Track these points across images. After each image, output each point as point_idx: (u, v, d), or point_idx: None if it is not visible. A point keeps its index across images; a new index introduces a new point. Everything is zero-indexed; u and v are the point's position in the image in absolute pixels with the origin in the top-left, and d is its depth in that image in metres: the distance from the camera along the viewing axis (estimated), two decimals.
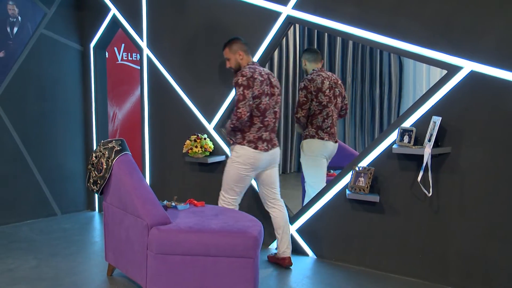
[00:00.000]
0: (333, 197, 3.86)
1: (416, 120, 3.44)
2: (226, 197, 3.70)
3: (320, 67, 4.33)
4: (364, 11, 3.57)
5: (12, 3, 4.77)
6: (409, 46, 3.41)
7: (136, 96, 6.13)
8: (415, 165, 3.45)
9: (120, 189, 3.23)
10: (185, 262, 2.92)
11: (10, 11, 4.76)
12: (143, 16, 4.83)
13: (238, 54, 3.69)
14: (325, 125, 4.21)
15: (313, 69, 4.31)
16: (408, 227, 3.54)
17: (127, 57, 6.07)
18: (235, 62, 3.70)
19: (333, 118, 4.27)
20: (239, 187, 3.68)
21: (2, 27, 4.72)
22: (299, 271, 3.73)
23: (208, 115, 4.48)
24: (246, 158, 3.59)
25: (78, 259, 3.86)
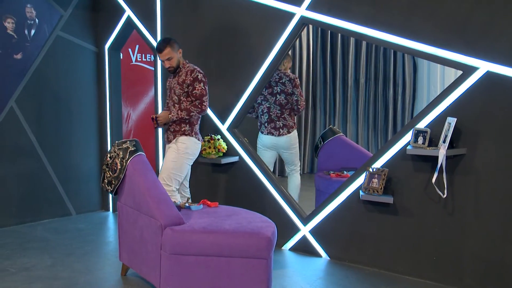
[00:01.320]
0: (347, 198, 3.84)
1: (431, 121, 3.41)
2: (172, 187, 3.89)
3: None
4: (378, 11, 3.56)
5: (30, 6, 4.84)
6: (424, 47, 3.38)
7: (150, 97, 6.17)
8: (430, 167, 3.42)
9: (134, 190, 3.25)
10: (198, 263, 2.93)
11: (28, 13, 4.83)
12: (157, 17, 4.86)
13: (179, 52, 3.93)
14: (263, 120, 4.74)
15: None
16: (422, 229, 3.51)
17: (141, 58, 6.11)
18: (177, 60, 3.92)
19: (270, 114, 4.68)
20: (181, 177, 3.95)
21: (20, 30, 4.79)
22: (312, 272, 3.73)
23: (221, 116, 4.49)
24: (194, 149, 3.96)
25: (92, 259, 3.89)
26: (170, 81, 4.07)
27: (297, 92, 4.67)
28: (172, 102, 3.98)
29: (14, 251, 4.07)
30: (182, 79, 3.89)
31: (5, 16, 4.66)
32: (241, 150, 4.39)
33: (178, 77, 3.93)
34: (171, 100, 3.99)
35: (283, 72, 4.68)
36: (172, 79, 4.02)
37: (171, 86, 4.02)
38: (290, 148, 4.75)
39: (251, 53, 4.25)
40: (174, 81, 3.97)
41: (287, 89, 4.65)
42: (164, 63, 3.91)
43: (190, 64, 3.97)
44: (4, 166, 4.76)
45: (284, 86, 4.65)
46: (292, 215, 4.14)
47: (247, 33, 4.27)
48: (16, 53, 4.78)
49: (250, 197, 4.34)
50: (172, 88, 3.99)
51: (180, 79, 3.91)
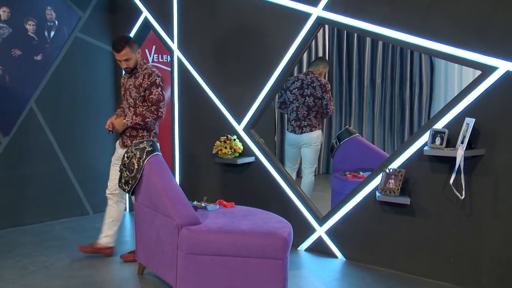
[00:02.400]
0: (363, 199, 3.83)
1: (449, 122, 3.38)
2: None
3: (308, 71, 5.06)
4: (396, 11, 3.54)
5: (50, 8, 4.91)
6: (442, 47, 3.35)
7: (165, 97, 6.20)
8: (447, 168, 3.39)
9: (151, 189, 3.28)
10: (214, 263, 2.94)
11: (48, 15, 4.91)
12: (174, 18, 4.89)
13: (138, 53, 3.76)
14: (291, 118, 5.04)
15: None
16: (440, 230, 3.48)
17: (158, 58, 6.14)
18: (135, 61, 3.72)
19: (297, 113, 4.98)
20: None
21: (40, 32, 4.87)
22: (328, 273, 3.72)
23: (237, 116, 4.50)
24: None
25: (109, 258, 3.92)
26: (125, 80, 3.86)
27: (326, 97, 4.97)
28: (127, 105, 3.80)
29: (33, 250, 4.13)
30: (139, 82, 3.70)
31: (27, 18, 4.75)
32: (257, 150, 4.40)
33: (135, 79, 3.73)
34: (127, 102, 3.80)
35: (316, 76, 4.98)
36: (128, 79, 3.80)
37: (126, 86, 3.82)
38: (310, 145, 5.00)
39: (268, 54, 4.25)
40: (130, 82, 3.77)
41: (317, 93, 4.95)
42: (121, 63, 3.69)
43: (148, 66, 3.79)
44: (24, 166, 4.84)
45: (314, 90, 4.94)
46: (308, 215, 4.14)
47: (263, 34, 4.28)
48: (36, 55, 4.85)
49: (266, 197, 4.35)
50: (127, 89, 3.79)
51: (136, 81, 3.72)
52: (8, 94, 4.68)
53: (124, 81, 3.86)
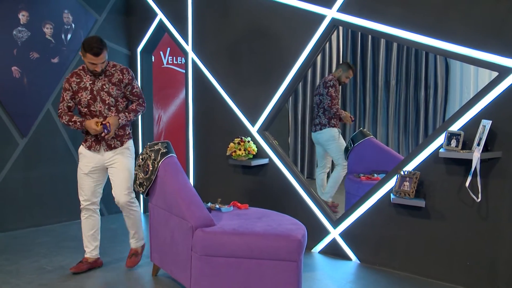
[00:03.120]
0: (377, 201, 3.81)
1: (465, 124, 3.35)
2: (133, 196, 3.71)
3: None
4: (411, 12, 3.52)
5: (67, 11, 4.98)
6: (458, 48, 3.33)
7: (180, 99, 6.25)
8: (463, 170, 3.36)
9: (166, 191, 3.30)
10: (229, 264, 2.95)
11: (65, 19, 4.98)
12: (188, 20, 4.92)
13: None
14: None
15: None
16: (455, 233, 3.45)
17: (172, 61, 6.19)
18: (106, 63, 3.53)
19: (313, 112, 5.39)
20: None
21: (58, 35, 4.94)
22: (342, 275, 3.70)
23: (251, 118, 4.51)
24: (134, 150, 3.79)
25: (124, 259, 3.95)
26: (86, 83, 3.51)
27: (324, 93, 5.17)
28: (105, 106, 3.51)
29: (50, 250, 4.18)
30: (118, 78, 3.54)
31: (45, 22, 4.83)
32: (271, 152, 4.40)
33: (110, 77, 3.53)
34: (103, 103, 3.51)
35: (328, 77, 5.23)
36: (96, 81, 3.51)
37: (92, 88, 3.50)
38: (325, 144, 5.26)
39: (282, 56, 4.25)
40: (101, 82, 3.51)
41: (320, 90, 5.23)
42: (96, 67, 3.43)
43: (115, 63, 3.64)
44: (41, 167, 4.91)
45: (319, 87, 5.25)
46: (322, 217, 4.13)
47: (278, 36, 4.28)
48: (53, 57, 4.92)
49: (280, 199, 4.35)
50: (101, 90, 3.50)
51: (114, 79, 3.53)
52: (26, 96, 4.76)
53: (86, 85, 3.50)
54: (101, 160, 3.60)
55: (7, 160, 4.69)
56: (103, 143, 3.57)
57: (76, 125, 3.50)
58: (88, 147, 3.60)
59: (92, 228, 3.73)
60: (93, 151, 3.59)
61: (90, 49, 3.35)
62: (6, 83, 4.63)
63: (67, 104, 3.55)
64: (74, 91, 3.51)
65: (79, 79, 3.52)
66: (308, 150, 7.06)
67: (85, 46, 3.37)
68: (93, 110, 3.51)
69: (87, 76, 3.52)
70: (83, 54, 3.40)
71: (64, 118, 3.54)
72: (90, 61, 3.40)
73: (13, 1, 4.62)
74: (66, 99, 3.54)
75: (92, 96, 3.50)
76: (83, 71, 3.54)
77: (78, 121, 3.50)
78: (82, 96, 3.49)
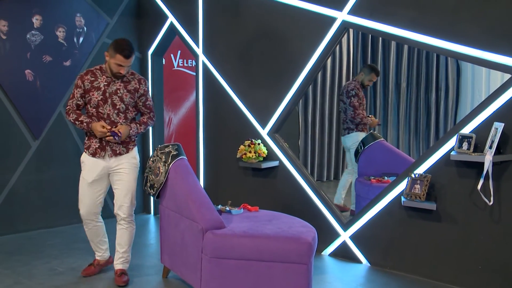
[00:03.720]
0: (388, 204, 3.79)
1: (476, 126, 3.33)
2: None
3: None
4: (422, 15, 3.50)
5: (79, 15, 5.04)
6: (470, 50, 3.30)
7: (191, 101, 6.27)
8: (475, 173, 3.34)
9: (176, 193, 3.31)
10: (239, 267, 2.95)
11: (77, 22, 5.04)
12: (199, 23, 4.94)
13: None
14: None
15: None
16: (467, 237, 3.42)
17: (183, 63, 6.22)
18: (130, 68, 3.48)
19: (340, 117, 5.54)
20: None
21: (70, 38, 4.99)
22: (352, 278, 3.69)
23: (262, 121, 4.51)
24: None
25: (134, 261, 3.95)
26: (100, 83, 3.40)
27: (347, 102, 5.22)
28: (115, 110, 3.41)
29: (62, 251, 4.21)
30: (134, 87, 3.47)
31: (57, 25, 4.88)
32: (282, 154, 4.40)
33: (126, 83, 3.45)
34: (113, 107, 3.40)
35: (351, 82, 5.28)
36: (111, 83, 3.41)
37: (106, 90, 3.39)
38: (351, 147, 5.26)
39: (292, 58, 4.26)
40: (117, 86, 3.41)
41: (343, 98, 5.28)
42: (122, 69, 3.35)
43: (134, 71, 3.58)
44: (53, 169, 4.95)
45: (342, 95, 5.29)
46: (332, 220, 4.12)
47: (288, 38, 4.29)
48: (66, 60, 4.97)
49: (290, 201, 4.35)
50: (114, 93, 3.40)
51: (130, 86, 3.45)
52: (38, 99, 4.81)
53: (100, 85, 3.40)
54: (105, 167, 3.45)
55: (20, 162, 4.74)
56: (108, 149, 3.43)
57: (82, 125, 3.40)
58: (92, 153, 3.44)
59: (97, 235, 3.63)
60: (98, 157, 3.43)
61: (122, 51, 3.29)
62: (20, 86, 4.68)
63: (76, 102, 3.44)
64: (86, 89, 3.39)
65: (94, 78, 3.40)
66: (318, 152, 7.06)
67: (117, 47, 3.30)
68: (101, 112, 3.40)
69: (103, 76, 3.41)
70: (112, 55, 3.31)
71: (72, 116, 3.43)
72: (119, 62, 3.31)
73: (27, 6, 4.67)
74: (76, 96, 3.43)
75: (103, 98, 3.38)
76: (99, 71, 3.43)
77: (85, 121, 3.40)
78: (93, 96, 3.38)
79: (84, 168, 3.50)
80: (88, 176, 3.47)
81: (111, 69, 3.37)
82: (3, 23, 4.54)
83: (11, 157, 4.69)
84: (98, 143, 3.43)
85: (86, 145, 3.48)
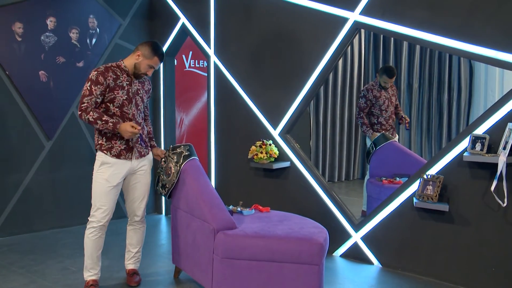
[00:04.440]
0: (400, 205, 3.78)
1: (490, 127, 3.30)
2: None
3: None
4: (435, 15, 3.48)
5: (92, 16, 5.09)
6: (484, 50, 3.28)
7: (202, 102, 6.29)
8: (488, 174, 3.31)
9: (188, 194, 3.32)
10: (250, 267, 2.95)
11: (91, 23, 5.09)
12: (211, 24, 4.96)
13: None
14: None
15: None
16: (480, 239, 3.39)
17: (194, 64, 6.25)
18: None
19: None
20: None
21: (83, 39, 5.05)
22: (363, 279, 3.68)
23: (273, 121, 4.52)
24: None
25: (145, 261, 3.98)
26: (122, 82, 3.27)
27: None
28: (137, 111, 3.35)
29: (75, 251, 4.25)
30: (148, 88, 3.50)
31: (71, 27, 4.94)
32: (293, 155, 4.40)
33: (142, 84, 3.42)
34: (136, 107, 3.34)
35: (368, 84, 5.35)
36: (132, 83, 3.33)
37: (129, 90, 3.30)
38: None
39: (304, 59, 4.26)
40: (137, 87, 3.37)
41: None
42: (151, 71, 3.34)
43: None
44: (66, 169, 5.01)
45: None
46: (344, 221, 4.11)
47: (300, 39, 4.28)
48: (79, 61, 5.02)
49: (301, 202, 4.34)
50: (136, 93, 3.34)
51: (145, 86, 3.45)
52: (52, 100, 4.86)
53: (123, 84, 3.28)
54: (130, 168, 3.33)
55: (33, 162, 4.80)
56: (135, 150, 3.33)
57: (107, 125, 3.13)
58: (117, 155, 3.25)
59: (100, 247, 3.36)
60: (124, 159, 3.28)
61: (161, 54, 3.30)
62: (34, 87, 4.74)
63: (95, 99, 3.16)
64: (111, 87, 3.19)
65: (115, 75, 3.23)
66: (329, 153, 7.04)
67: (156, 49, 3.28)
68: (126, 112, 3.25)
69: (124, 75, 3.27)
70: (148, 56, 3.25)
71: (92, 114, 3.13)
72: (153, 64, 3.29)
73: (42, 8, 4.73)
74: (96, 93, 3.15)
75: (128, 97, 3.26)
76: (117, 68, 3.28)
77: (111, 121, 3.14)
78: (118, 94, 3.21)
79: (106, 170, 3.25)
80: (112, 178, 3.26)
81: (139, 69, 3.29)
82: (18, 25, 4.60)
83: (25, 157, 4.75)
84: (124, 144, 3.27)
85: (106, 146, 3.25)
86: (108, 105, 3.23)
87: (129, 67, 3.31)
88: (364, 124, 5.18)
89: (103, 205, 3.29)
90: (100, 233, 3.33)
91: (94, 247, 3.31)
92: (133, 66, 3.29)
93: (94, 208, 3.31)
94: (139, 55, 3.28)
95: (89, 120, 3.14)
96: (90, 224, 3.30)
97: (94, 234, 3.30)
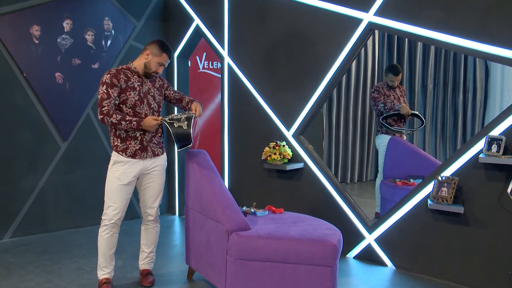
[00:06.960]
0: (414, 207, 3.75)
1: (506, 129, 3.27)
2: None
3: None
4: (451, 15, 3.46)
5: (107, 18, 5.14)
6: (500, 51, 3.25)
7: (216, 103, 6.31)
8: (504, 176, 3.27)
9: (201, 194, 3.33)
10: (264, 268, 2.95)
11: (106, 25, 5.14)
12: (224, 25, 4.98)
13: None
14: None
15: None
16: (496, 241, 3.36)
17: (208, 65, 6.26)
18: None
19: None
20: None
21: (98, 41, 5.10)
22: (377, 281, 3.66)
23: (287, 122, 4.52)
24: None
25: (159, 262, 4.00)
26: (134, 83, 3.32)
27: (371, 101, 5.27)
28: (150, 110, 3.38)
29: (89, 251, 4.29)
30: (159, 84, 3.49)
31: (86, 29, 4.99)
32: (306, 156, 4.40)
33: (153, 82, 3.44)
34: (148, 107, 3.37)
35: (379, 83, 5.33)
36: (143, 83, 3.37)
37: (140, 90, 3.34)
38: (378, 149, 5.28)
39: (318, 60, 4.25)
40: (148, 85, 3.40)
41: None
42: (161, 69, 3.38)
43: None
44: (81, 170, 5.06)
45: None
46: (357, 223, 4.09)
47: (313, 40, 4.28)
48: (94, 63, 5.08)
49: (315, 204, 4.34)
50: (147, 93, 3.37)
51: (156, 84, 3.46)
52: (68, 101, 4.92)
53: (135, 85, 3.32)
54: (143, 168, 3.38)
55: (49, 163, 4.85)
56: (149, 149, 3.37)
57: (132, 124, 3.20)
58: (131, 155, 3.31)
59: (113, 245, 3.40)
60: (139, 158, 3.33)
61: (169, 50, 3.36)
62: (50, 89, 4.80)
63: (114, 101, 3.21)
64: (123, 89, 3.25)
65: (126, 77, 3.28)
66: (342, 154, 7.01)
67: (164, 46, 3.34)
68: (138, 111, 3.30)
69: (135, 76, 3.32)
70: (156, 54, 3.31)
71: (115, 116, 3.17)
72: (163, 61, 3.34)
73: (58, 10, 4.79)
74: (113, 96, 3.21)
75: (139, 98, 3.31)
76: (128, 70, 3.32)
77: (134, 120, 3.21)
78: (130, 96, 3.27)
79: (119, 169, 3.32)
80: (124, 177, 3.32)
81: (150, 67, 3.33)
82: (36, 28, 4.66)
83: (41, 157, 4.81)
84: (138, 145, 3.31)
85: (122, 147, 3.30)
86: (121, 106, 3.28)
87: (139, 68, 3.35)
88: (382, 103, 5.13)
89: (114, 203, 3.35)
90: (112, 232, 3.37)
91: (107, 245, 3.36)
92: (143, 66, 3.34)
93: (106, 206, 3.39)
94: (148, 54, 3.32)
95: (112, 122, 3.18)
96: (103, 222, 3.37)
97: (107, 232, 3.35)
